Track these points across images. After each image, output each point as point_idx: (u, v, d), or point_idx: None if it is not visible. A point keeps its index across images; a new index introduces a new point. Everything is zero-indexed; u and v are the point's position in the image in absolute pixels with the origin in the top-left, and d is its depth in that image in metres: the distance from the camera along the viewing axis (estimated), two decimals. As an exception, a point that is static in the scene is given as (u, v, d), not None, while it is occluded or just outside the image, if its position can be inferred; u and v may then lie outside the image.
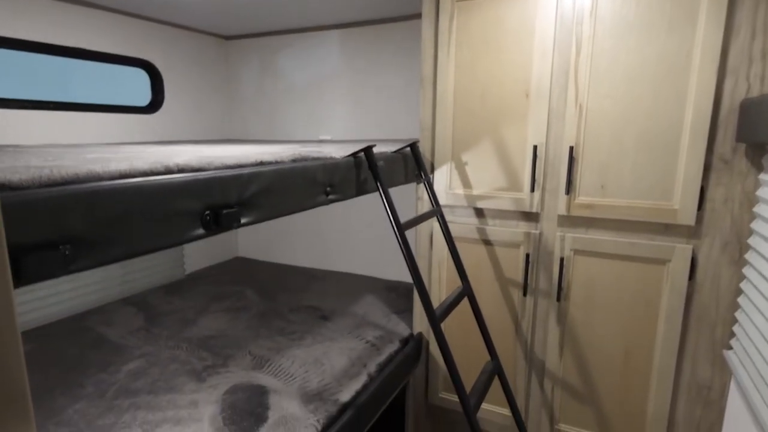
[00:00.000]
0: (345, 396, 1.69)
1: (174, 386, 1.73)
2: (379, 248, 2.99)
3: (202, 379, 1.78)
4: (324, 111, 3.00)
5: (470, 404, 1.44)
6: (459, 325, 2.06)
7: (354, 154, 1.49)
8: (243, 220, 1.03)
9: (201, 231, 0.93)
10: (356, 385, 1.77)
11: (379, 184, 1.50)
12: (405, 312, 2.40)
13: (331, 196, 1.37)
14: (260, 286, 2.90)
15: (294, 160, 1.24)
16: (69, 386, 1.73)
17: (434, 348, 2.17)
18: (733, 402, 1.61)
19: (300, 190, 1.22)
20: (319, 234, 3.22)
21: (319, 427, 1.52)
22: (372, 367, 1.89)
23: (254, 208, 1.06)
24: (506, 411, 2.05)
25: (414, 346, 2.13)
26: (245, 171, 1.05)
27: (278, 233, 3.39)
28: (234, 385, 1.73)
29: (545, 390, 1.95)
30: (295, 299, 2.66)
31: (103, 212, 0.74)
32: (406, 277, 2.93)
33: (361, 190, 1.53)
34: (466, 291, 1.76)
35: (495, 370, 1.73)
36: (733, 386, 1.63)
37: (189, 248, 3.15)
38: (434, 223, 2.06)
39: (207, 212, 0.94)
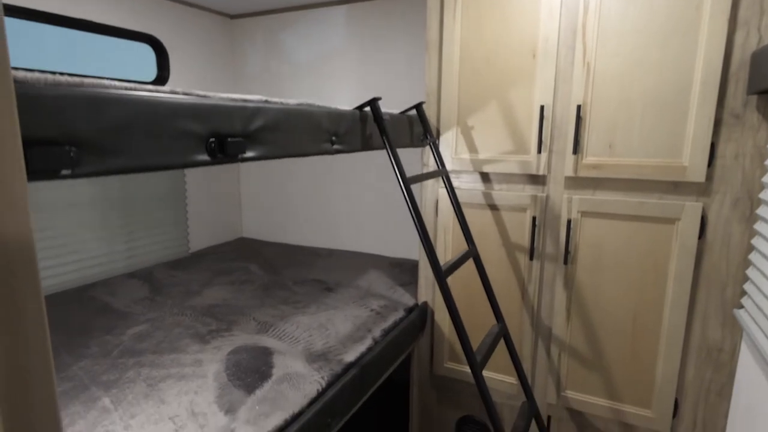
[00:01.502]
0: (349, 357, 1.68)
1: (178, 347, 1.73)
2: (385, 227, 2.98)
3: (206, 341, 1.78)
4: (329, 88, 2.99)
5: (476, 359, 1.43)
6: (464, 289, 2.05)
7: (360, 107, 1.48)
8: (248, 153, 1.02)
9: (206, 157, 0.92)
10: (361, 347, 1.76)
11: (384, 138, 1.49)
12: (410, 285, 2.38)
13: (336, 146, 1.35)
14: (265, 262, 2.90)
15: (299, 105, 1.22)
16: (73, 347, 1.73)
17: (439, 317, 2.15)
18: (744, 363, 1.59)
19: (305, 132, 1.21)
20: (324, 213, 3.21)
21: (324, 384, 1.51)
22: (377, 332, 1.88)
23: (259, 143, 1.05)
24: (512, 379, 2.03)
25: (419, 314, 2.12)
26: (250, 104, 1.04)
27: (283, 214, 3.38)
28: (238, 347, 1.72)
29: (552, 356, 1.93)
30: (300, 273, 2.65)
31: (108, 119, 0.73)
32: (412, 255, 2.92)
33: (366, 145, 1.52)
34: (472, 253, 1.75)
35: (501, 332, 1.72)
36: (743, 347, 1.61)
37: (194, 226, 3.15)
38: (440, 190, 2.05)
39: (212, 139, 0.93)
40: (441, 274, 1.44)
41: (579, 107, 1.70)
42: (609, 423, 1.87)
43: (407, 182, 1.46)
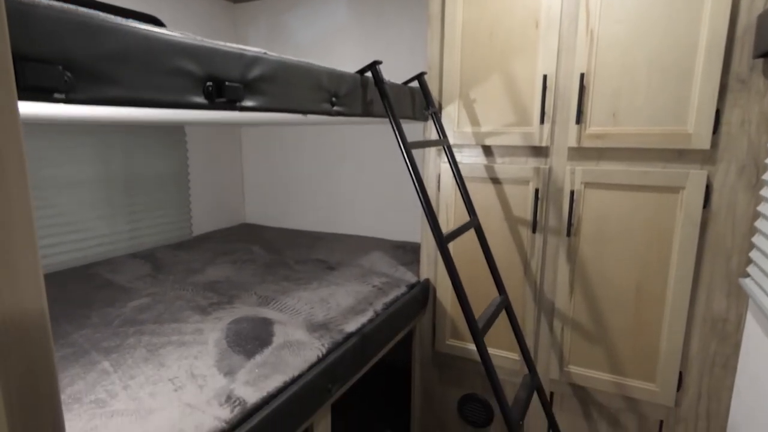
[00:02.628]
0: (350, 327, 1.68)
1: (179, 318, 1.72)
2: (387, 211, 2.97)
3: (207, 312, 1.77)
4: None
5: (477, 326, 1.41)
6: (467, 265, 2.03)
7: (360, 71, 1.47)
8: (246, 102, 1.01)
9: (203, 100, 0.91)
10: (362, 319, 1.75)
11: (386, 102, 1.47)
12: (412, 264, 2.37)
13: (336, 108, 1.35)
14: (267, 243, 2.90)
15: (299, 60, 1.22)
16: (74, 318, 1.73)
17: (441, 293, 2.14)
18: (750, 333, 1.57)
19: (304, 88, 1.20)
20: (326, 199, 3.21)
21: (324, 351, 1.50)
22: (378, 306, 1.87)
23: (258, 93, 1.04)
24: (515, 355, 2.02)
25: (421, 289, 2.11)
26: (249, 53, 1.03)
27: (285, 199, 3.38)
28: (239, 317, 1.71)
29: (555, 331, 1.91)
30: (302, 254, 2.65)
31: (104, 47, 0.72)
32: (414, 238, 2.91)
33: (367, 110, 1.51)
34: (474, 223, 1.74)
35: (503, 304, 1.70)
36: (749, 317, 1.59)
37: (196, 210, 3.15)
38: (442, 165, 2.03)
39: (209, 83, 0.92)
40: (442, 239, 1.43)
41: (582, 76, 1.68)
42: (612, 397, 1.86)
43: (408, 147, 1.45)
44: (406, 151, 1.43)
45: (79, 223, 2.46)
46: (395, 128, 1.45)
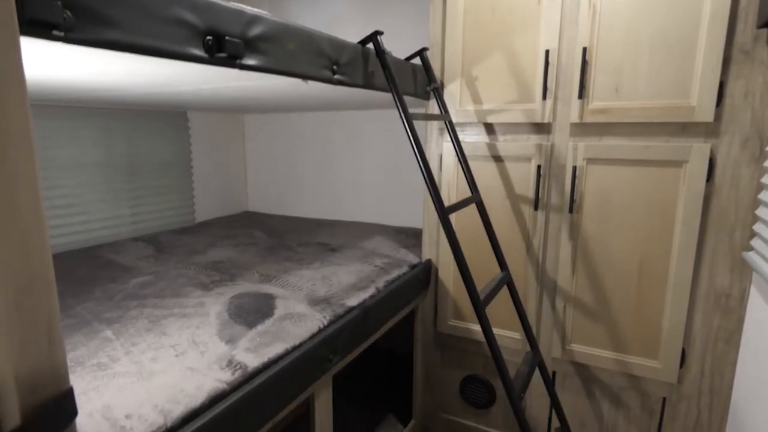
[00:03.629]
0: (352, 302, 1.68)
1: (181, 293, 1.73)
2: (390, 198, 2.97)
3: (209, 289, 1.78)
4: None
5: (478, 296, 1.41)
6: (468, 244, 2.03)
7: (362, 42, 1.47)
8: (246, 60, 1.01)
9: (202, 53, 0.91)
10: (364, 295, 1.75)
11: (387, 73, 1.47)
12: (414, 247, 2.37)
13: (337, 76, 1.35)
14: (269, 229, 2.90)
15: (300, 25, 1.22)
16: (77, 293, 1.74)
17: (443, 274, 2.14)
18: (754, 307, 1.56)
19: (305, 52, 1.20)
20: (328, 186, 3.21)
21: (325, 322, 1.50)
22: (380, 283, 1.87)
23: (258, 52, 1.04)
24: (517, 334, 2.01)
25: (423, 269, 2.10)
26: (249, 11, 1.03)
27: (287, 187, 3.38)
28: (241, 293, 1.72)
29: (557, 309, 1.90)
30: (304, 238, 2.65)
31: (103, -13, 0.73)
32: (416, 224, 2.91)
33: (369, 82, 1.51)
34: (475, 198, 1.73)
35: (505, 279, 1.70)
36: (753, 291, 1.58)
37: (199, 197, 3.16)
38: (444, 144, 2.03)
39: (209, 37, 0.92)
40: (443, 209, 1.42)
41: (585, 50, 1.68)
42: (615, 375, 1.85)
43: (410, 117, 1.44)
44: (407, 121, 1.43)
45: (82, 206, 2.47)
46: (397, 98, 1.45)
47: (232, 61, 0.97)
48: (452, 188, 2.05)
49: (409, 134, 1.42)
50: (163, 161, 2.89)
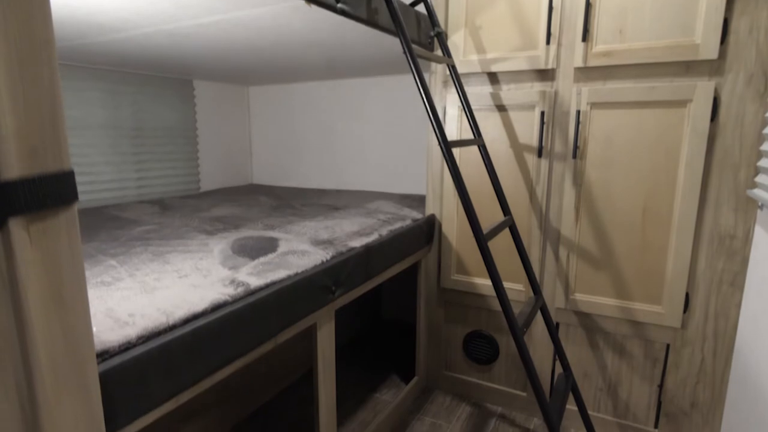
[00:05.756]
0: (355, 244, 1.68)
1: (185, 236, 1.74)
2: (394, 167, 2.98)
3: (212, 234, 1.79)
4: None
5: (480, 229, 1.41)
6: (472, 194, 2.03)
7: (364, -24, 1.47)
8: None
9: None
10: (367, 239, 1.75)
11: (391, 7, 1.47)
12: (418, 208, 2.37)
13: (341, 5, 1.35)
14: (274, 195, 2.91)
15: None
16: (84, 237, 1.75)
17: (447, 228, 2.14)
18: (758, 246, 1.55)
19: (308, -28, 1.21)
20: (333, 157, 3.22)
21: (328, 257, 1.51)
22: (383, 231, 1.88)
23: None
24: (520, 285, 2.01)
25: (426, 222, 2.10)
26: None
27: (292, 161, 3.39)
28: (245, 236, 1.73)
29: (560, 259, 1.90)
30: (308, 201, 2.66)
31: None
32: (419, 191, 2.91)
33: (373, 19, 1.51)
34: (478, 141, 1.73)
35: (508, 222, 1.70)
36: (757, 229, 1.57)
37: (204, 166, 3.18)
38: (448, 96, 2.03)
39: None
40: (446, 142, 1.42)
41: (588, -8, 1.67)
42: (618, 323, 1.84)
43: (414, 54, 1.45)
44: (410, 54, 1.43)
45: (88, 166, 2.49)
46: (401, 32, 1.45)
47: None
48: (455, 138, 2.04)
49: (411, 66, 1.43)
50: (169, 128, 2.90)
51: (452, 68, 1.80)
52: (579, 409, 1.79)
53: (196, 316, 1.03)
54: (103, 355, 0.84)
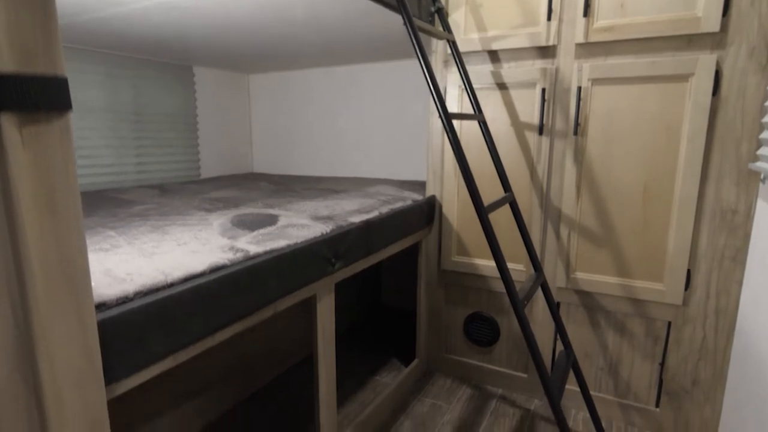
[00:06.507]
0: (355, 219, 1.67)
1: (184, 213, 1.74)
2: (394, 154, 2.97)
3: (212, 211, 1.78)
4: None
5: (482, 202, 1.40)
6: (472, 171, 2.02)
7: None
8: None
9: None
10: (367, 216, 1.75)
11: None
12: (419, 191, 2.36)
13: (340, -27, 1.34)
14: (274, 181, 2.91)
15: None
16: (84, 214, 1.74)
17: (447, 209, 2.13)
18: (760, 220, 1.54)
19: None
20: (333, 146, 3.21)
21: (328, 230, 1.50)
22: (384, 210, 1.87)
23: None
24: (521, 266, 2.00)
25: (426, 203, 2.10)
26: None
27: (292, 150, 3.39)
28: (244, 213, 1.72)
29: (561, 237, 1.89)
30: (309, 185, 2.66)
31: None
32: (420, 178, 2.91)
33: (372, -10, 1.50)
34: (479, 117, 1.72)
35: (509, 198, 1.69)
36: (759, 203, 1.56)
37: (205, 154, 3.17)
38: (449, 76, 2.02)
39: None
40: (447, 114, 1.42)
41: (589, -34, 1.66)
42: (619, 301, 1.83)
43: (414, 25, 1.44)
44: (411, 26, 1.42)
45: (88, 149, 2.48)
46: (401, 4, 1.44)
47: None
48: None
49: (412, 37, 1.42)
50: (169, 114, 2.90)
51: (453, 45, 1.79)
52: (580, 388, 1.78)
53: (194, 276, 1.03)
54: (101, 307, 0.83)
